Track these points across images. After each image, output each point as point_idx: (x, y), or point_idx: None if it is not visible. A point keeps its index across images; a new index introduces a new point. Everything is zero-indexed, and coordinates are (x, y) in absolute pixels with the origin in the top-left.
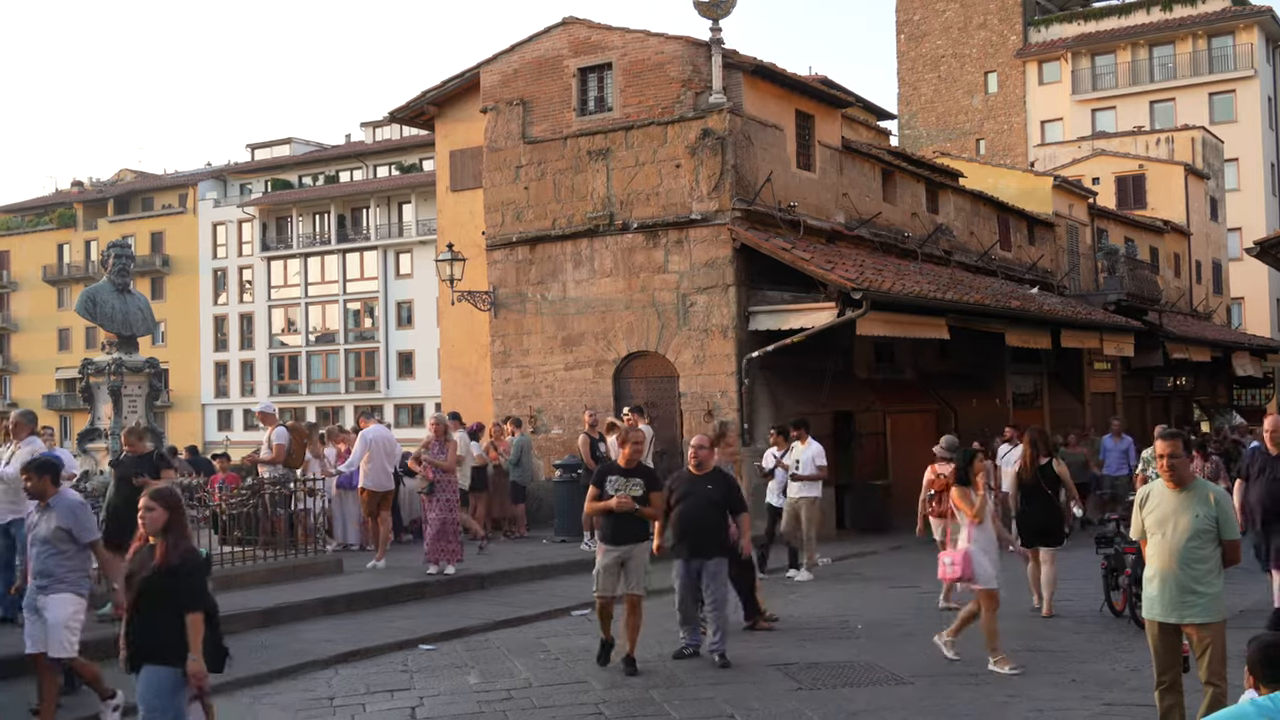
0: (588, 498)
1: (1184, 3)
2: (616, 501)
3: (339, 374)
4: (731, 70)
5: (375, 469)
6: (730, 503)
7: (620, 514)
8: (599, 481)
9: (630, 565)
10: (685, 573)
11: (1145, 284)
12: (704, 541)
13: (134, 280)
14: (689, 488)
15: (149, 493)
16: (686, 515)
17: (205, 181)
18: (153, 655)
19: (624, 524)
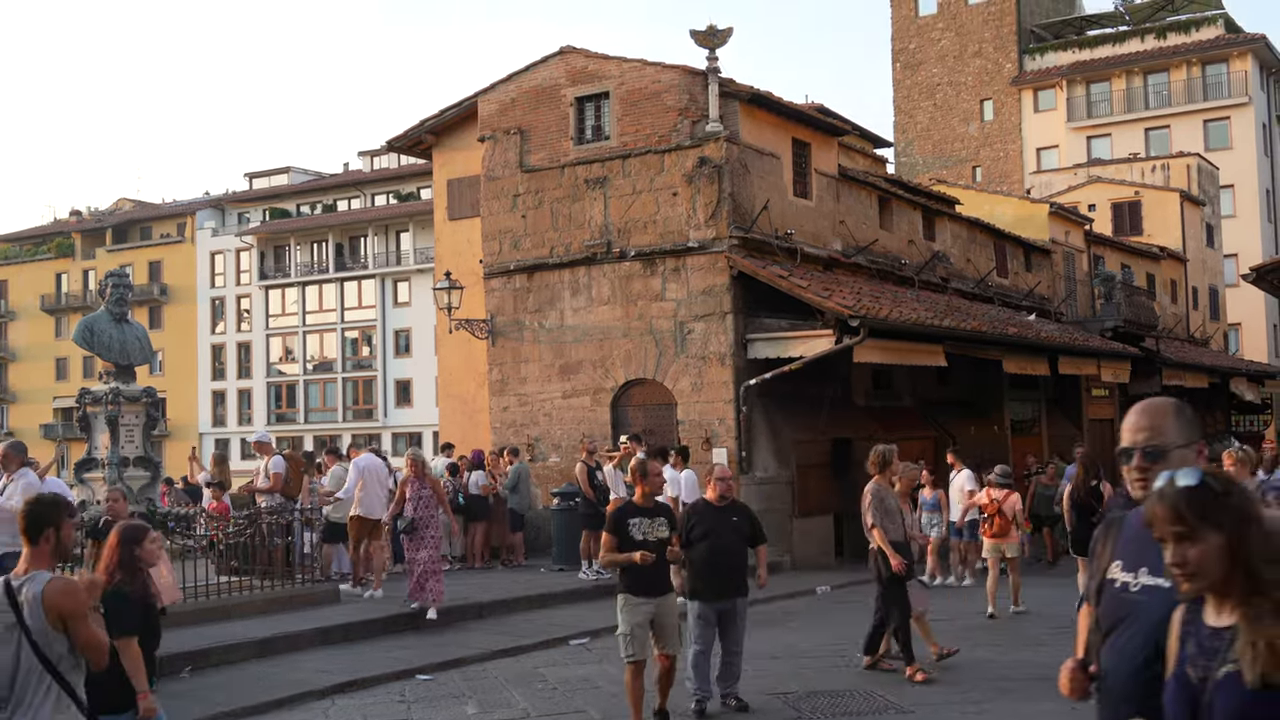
0: (604, 546)
1: (1178, 30)
2: (641, 556)
3: (337, 403)
4: (728, 99)
5: (368, 496)
6: (755, 534)
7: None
8: (618, 526)
9: (665, 621)
10: (706, 615)
11: (1142, 310)
12: (735, 580)
13: (132, 309)
14: (714, 522)
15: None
16: (718, 552)
17: (203, 210)
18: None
19: (653, 572)
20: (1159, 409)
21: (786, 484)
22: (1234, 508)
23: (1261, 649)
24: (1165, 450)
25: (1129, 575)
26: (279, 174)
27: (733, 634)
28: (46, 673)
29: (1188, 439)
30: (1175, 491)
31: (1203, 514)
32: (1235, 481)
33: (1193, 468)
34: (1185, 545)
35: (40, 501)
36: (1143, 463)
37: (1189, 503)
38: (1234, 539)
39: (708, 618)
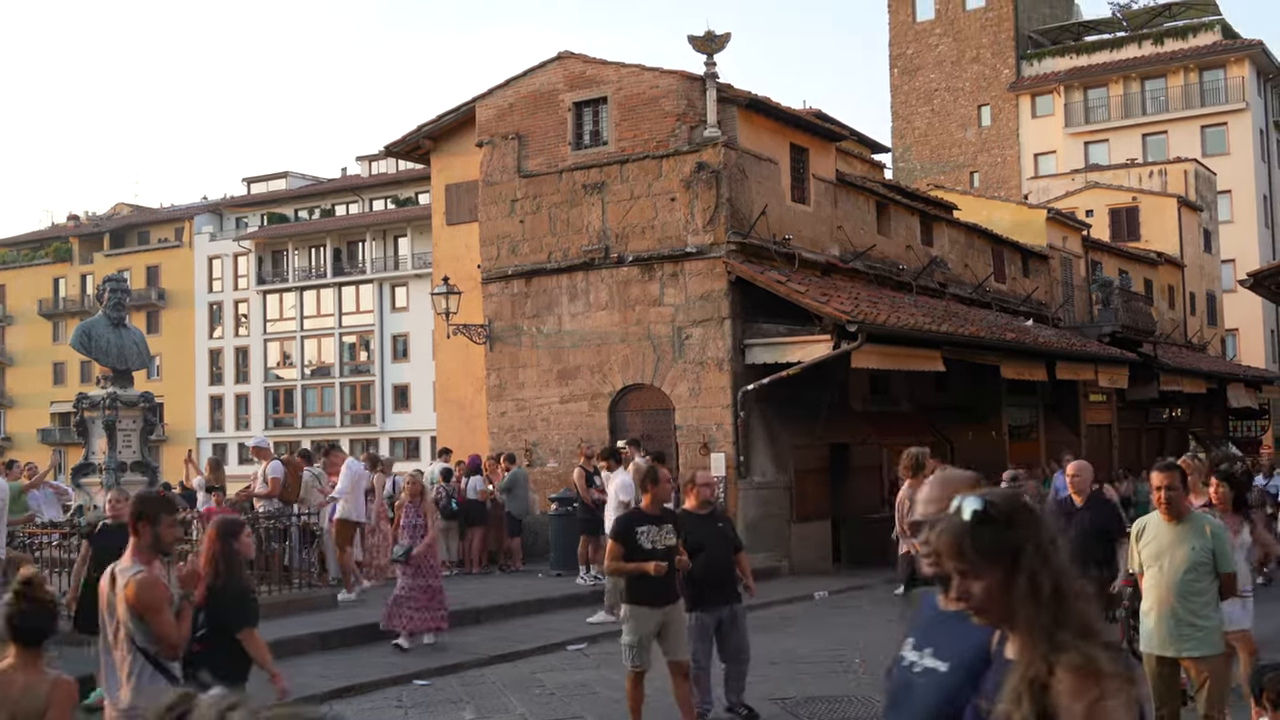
0: (611, 554)
1: (1175, 36)
2: (654, 567)
3: (334, 407)
4: (726, 104)
5: (357, 500)
6: (737, 541)
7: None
8: (625, 534)
9: (675, 629)
10: (705, 625)
11: (1140, 316)
12: (730, 588)
13: (129, 314)
14: (703, 531)
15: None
16: (713, 560)
17: (201, 215)
18: None
19: (663, 581)
20: (954, 482)
21: (784, 489)
22: (1017, 541)
23: (1025, 692)
24: None
25: (915, 654)
26: (277, 179)
27: (735, 640)
28: (140, 655)
29: None
30: (958, 525)
31: (983, 547)
32: (1023, 509)
33: (977, 496)
34: (969, 580)
35: (140, 497)
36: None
37: (970, 536)
38: (1015, 571)
39: (706, 628)
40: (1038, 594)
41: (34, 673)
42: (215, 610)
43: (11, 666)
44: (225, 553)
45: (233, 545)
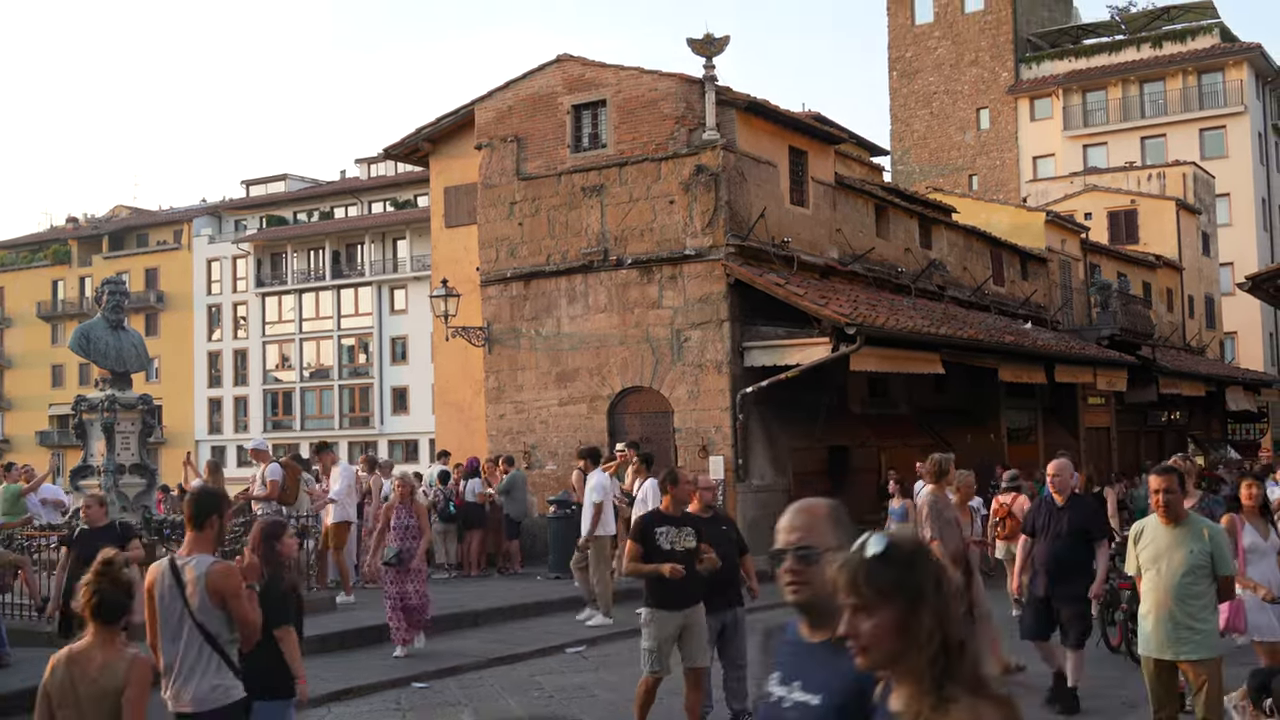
0: (629, 554)
1: (1174, 40)
2: (670, 569)
3: (333, 410)
4: (725, 107)
5: (350, 502)
6: (742, 544)
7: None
8: (644, 534)
9: (695, 633)
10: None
11: (1138, 319)
12: (733, 592)
13: (128, 316)
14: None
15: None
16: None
17: (200, 218)
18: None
19: (683, 584)
20: (812, 510)
21: (783, 492)
22: (915, 583)
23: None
24: (818, 552)
25: (784, 689)
26: (276, 181)
27: (736, 645)
28: (206, 644)
29: (840, 542)
30: (857, 560)
31: (880, 585)
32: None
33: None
34: (860, 617)
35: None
36: (795, 565)
37: (868, 573)
38: (909, 615)
39: (710, 631)
40: (930, 641)
41: (112, 650)
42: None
43: (90, 644)
44: (267, 553)
45: (275, 546)
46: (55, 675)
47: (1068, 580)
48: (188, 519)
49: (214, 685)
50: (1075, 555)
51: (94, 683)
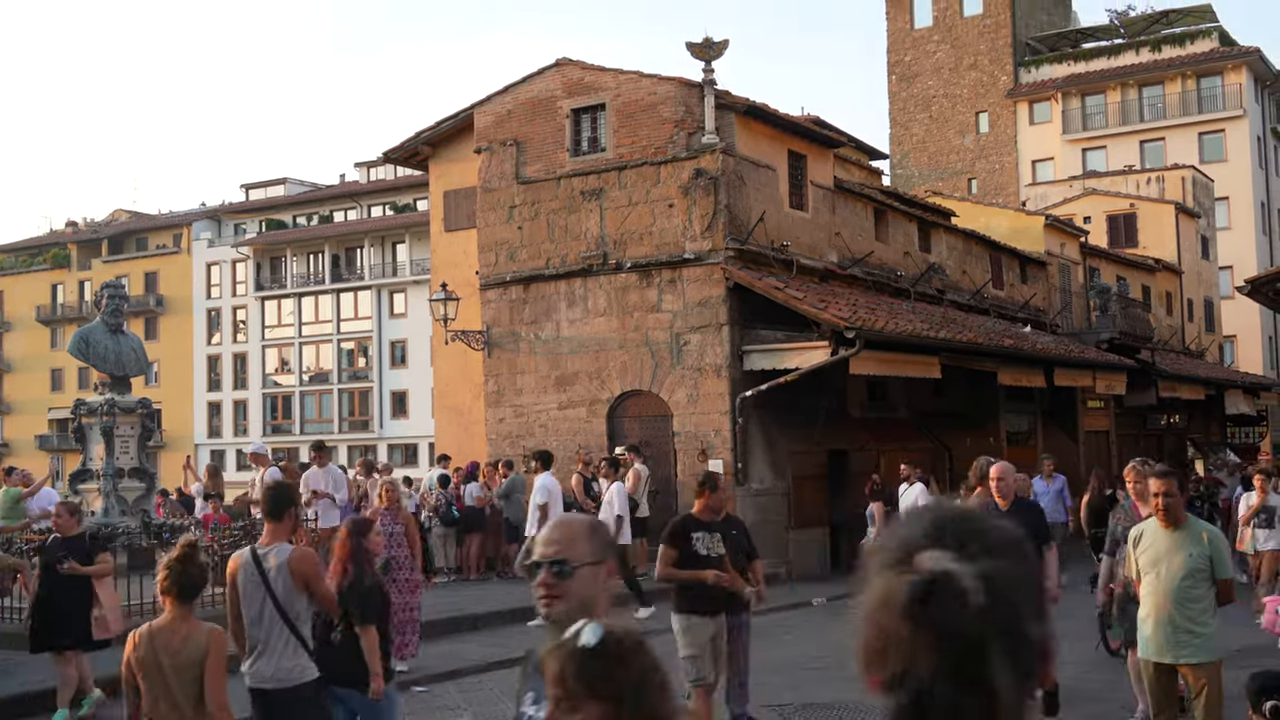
0: (663, 559)
1: (1173, 44)
2: (715, 576)
3: (333, 414)
4: (724, 111)
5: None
6: (751, 548)
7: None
8: (680, 539)
9: (720, 643)
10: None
11: (1137, 322)
12: (738, 596)
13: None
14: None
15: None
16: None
17: (199, 221)
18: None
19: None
20: (571, 525)
21: (782, 495)
22: (628, 679)
23: None
24: (573, 566)
25: (534, 709)
26: (275, 185)
27: (743, 648)
28: (285, 625)
29: (598, 557)
30: (567, 651)
31: (589, 681)
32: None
33: (597, 625)
34: (565, 710)
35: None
36: (549, 578)
37: (578, 667)
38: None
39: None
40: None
41: (192, 624)
42: (345, 605)
43: (171, 620)
44: (355, 549)
45: (362, 542)
46: (139, 649)
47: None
48: (266, 512)
49: (291, 665)
50: None
51: (177, 654)
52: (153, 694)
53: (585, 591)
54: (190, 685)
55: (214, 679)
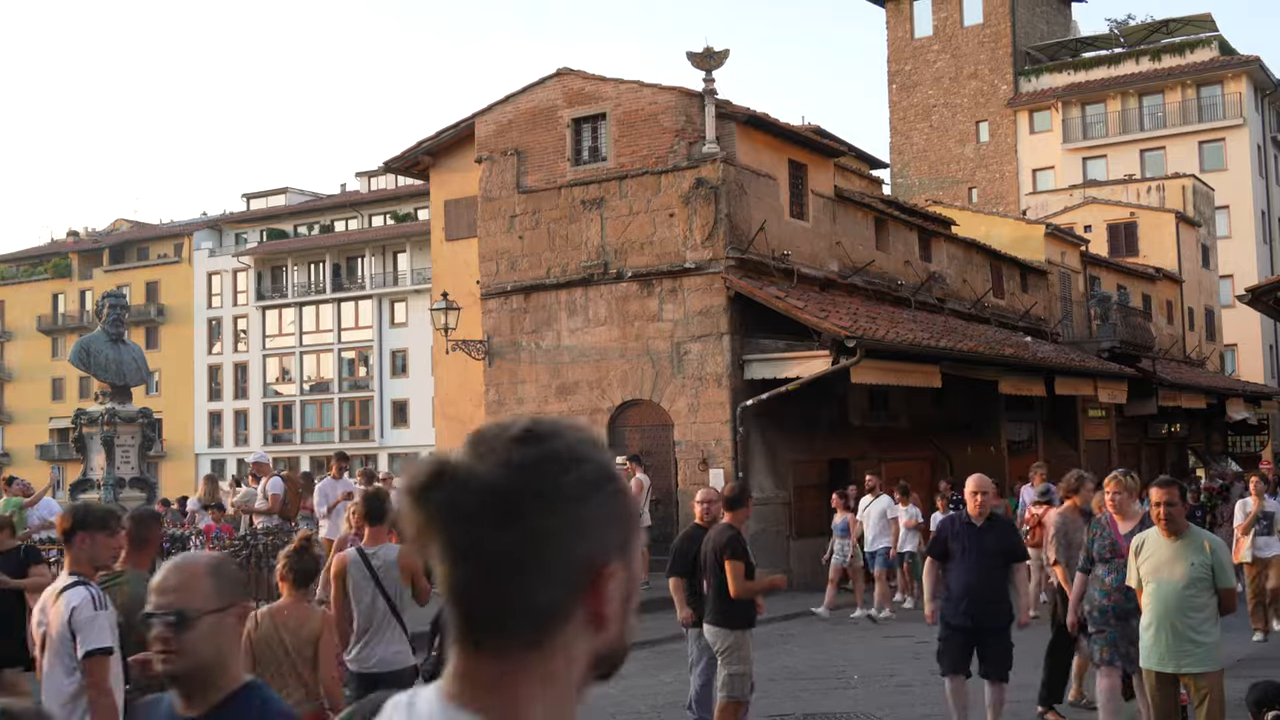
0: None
1: (1173, 53)
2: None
3: (333, 423)
4: (724, 120)
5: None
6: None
7: None
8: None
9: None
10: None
11: (1138, 331)
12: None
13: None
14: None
15: None
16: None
17: (200, 231)
18: None
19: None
20: (189, 569)
21: (783, 504)
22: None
23: None
24: (192, 617)
25: None
26: (276, 195)
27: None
28: (390, 614)
29: (223, 602)
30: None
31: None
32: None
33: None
34: None
35: (378, 494)
36: (164, 632)
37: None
38: None
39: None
40: None
41: (305, 607)
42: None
43: (287, 603)
44: None
45: None
46: (260, 628)
47: (991, 608)
48: (365, 516)
49: (396, 651)
50: (998, 580)
51: (296, 632)
52: (272, 667)
53: (209, 645)
54: (307, 659)
55: (326, 654)
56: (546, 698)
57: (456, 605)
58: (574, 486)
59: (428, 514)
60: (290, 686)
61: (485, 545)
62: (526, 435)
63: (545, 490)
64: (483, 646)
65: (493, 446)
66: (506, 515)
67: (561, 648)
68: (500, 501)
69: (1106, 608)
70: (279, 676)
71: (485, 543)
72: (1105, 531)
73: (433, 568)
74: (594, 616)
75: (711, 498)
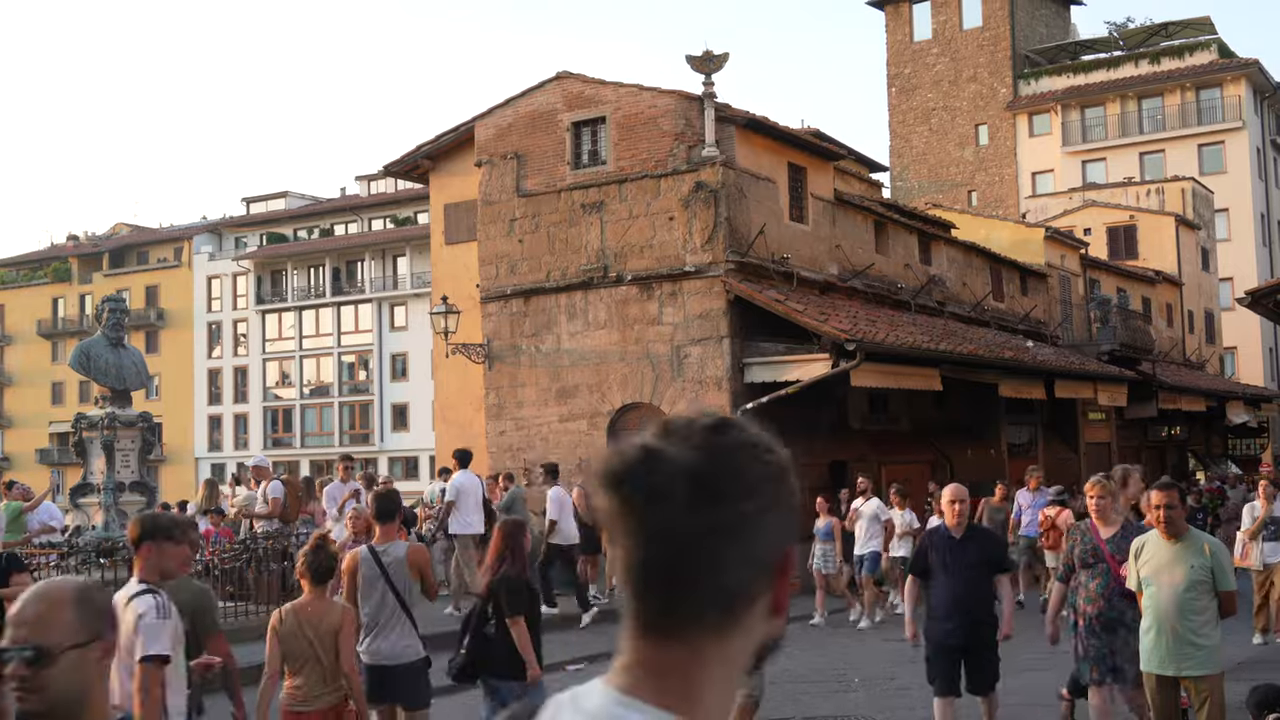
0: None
1: (1172, 56)
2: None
3: (333, 427)
4: (724, 124)
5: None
6: None
7: None
8: None
9: None
10: None
11: (1138, 334)
12: None
13: (128, 334)
14: None
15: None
16: None
17: (200, 235)
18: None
19: None
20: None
21: None
22: None
23: None
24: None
25: None
26: (276, 199)
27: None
28: (399, 609)
29: (87, 635)
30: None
31: None
32: None
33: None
34: None
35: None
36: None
37: None
38: None
39: None
40: None
41: (326, 602)
42: (497, 599)
43: (309, 599)
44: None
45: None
46: (285, 622)
47: (977, 623)
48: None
49: (405, 644)
50: (984, 593)
51: (318, 626)
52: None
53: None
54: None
55: (346, 645)
56: (721, 683)
57: (644, 589)
58: (766, 474)
59: (623, 496)
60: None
61: (681, 527)
62: (722, 424)
63: (743, 475)
64: (667, 632)
65: (687, 434)
66: (705, 498)
67: (743, 633)
68: (698, 485)
69: (1091, 615)
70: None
71: (681, 525)
72: (1087, 537)
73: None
74: (775, 601)
75: None
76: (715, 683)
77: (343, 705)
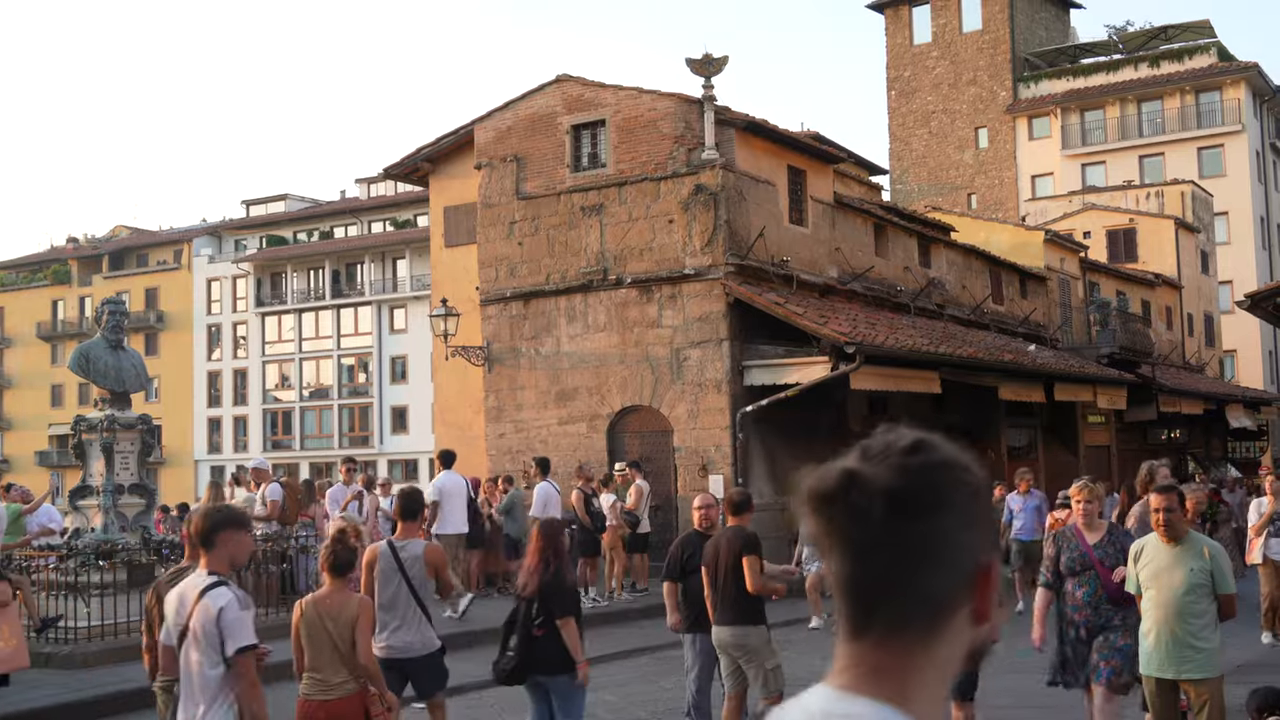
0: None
1: (1171, 59)
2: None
3: (333, 429)
4: (724, 127)
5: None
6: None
7: None
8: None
9: None
10: (706, 649)
11: (1138, 337)
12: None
13: (128, 336)
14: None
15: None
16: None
17: (200, 238)
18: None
19: None
20: None
21: (782, 510)
22: None
23: None
24: None
25: None
26: (276, 201)
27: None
28: (415, 604)
29: None
30: None
31: None
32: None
33: None
34: None
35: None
36: None
37: None
38: None
39: (708, 652)
40: None
41: (345, 594)
42: (545, 600)
43: (329, 590)
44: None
45: (560, 542)
46: (306, 614)
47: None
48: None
49: (424, 636)
50: None
51: (337, 617)
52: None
53: None
54: (347, 642)
55: (364, 636)
56: (932, 683)
57: (855, 599)
58: (960, 490)
59: (827, 516)
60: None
61: (881, 543)
62: (916, 444)
63: (938, 492)
64: (878, 636)
65: (885, 455)
66: (902, 515)
67: (949, 638)
68: (895, 503)
69: (1078, 623)
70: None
71: (881, 540)
72: (1073, 544)
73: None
74: (977, 609)
75: (710, 503)
76: (927, 685)
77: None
